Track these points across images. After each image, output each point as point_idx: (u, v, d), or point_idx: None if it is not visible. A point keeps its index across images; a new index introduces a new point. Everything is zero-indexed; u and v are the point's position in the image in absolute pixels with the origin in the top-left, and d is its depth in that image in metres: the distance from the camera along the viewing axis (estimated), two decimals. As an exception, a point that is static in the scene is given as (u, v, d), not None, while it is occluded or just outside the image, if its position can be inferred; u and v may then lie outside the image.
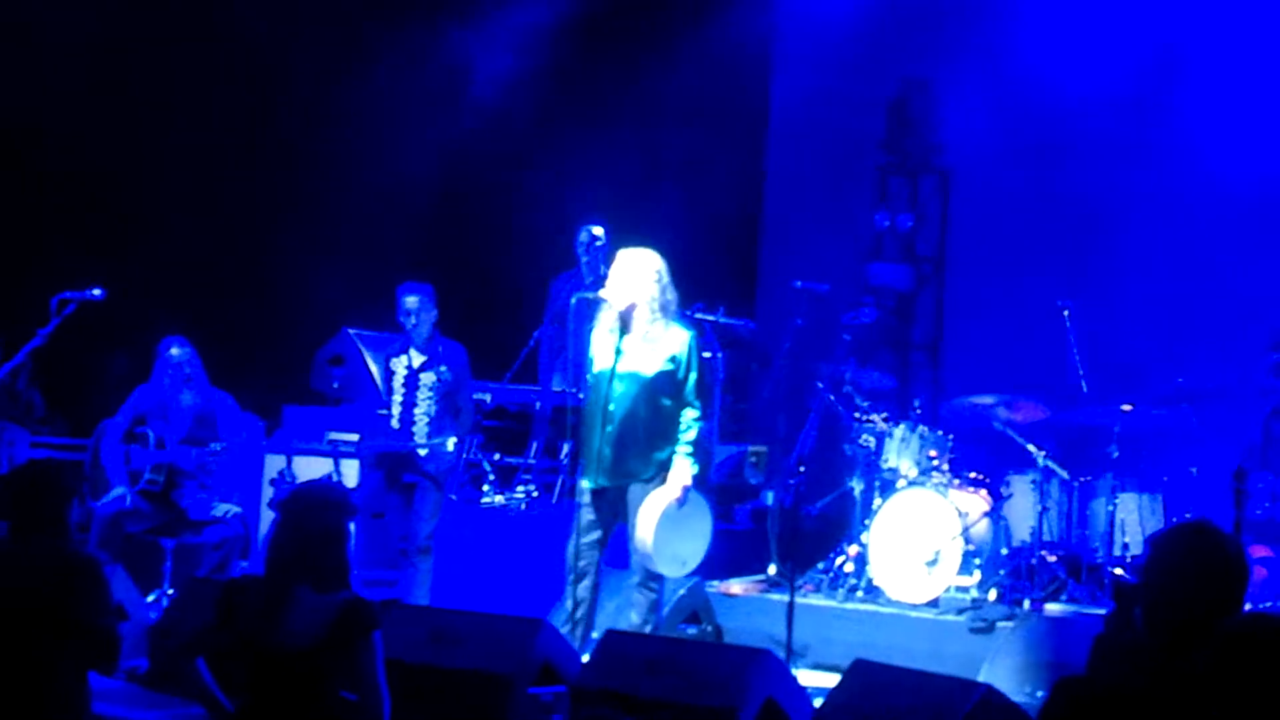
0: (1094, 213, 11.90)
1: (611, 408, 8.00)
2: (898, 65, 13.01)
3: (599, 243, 10.75)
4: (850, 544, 9.98)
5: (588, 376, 8.20)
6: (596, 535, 8.09)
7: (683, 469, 8.00)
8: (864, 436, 10.16)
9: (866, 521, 9.81)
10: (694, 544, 8.15)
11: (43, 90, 11.68)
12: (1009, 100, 12.00)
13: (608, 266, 8.41)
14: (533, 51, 12.72)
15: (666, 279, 8.08)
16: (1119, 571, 9.59)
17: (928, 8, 12.73)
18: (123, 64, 12.00)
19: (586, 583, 8.05)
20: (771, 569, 10.20)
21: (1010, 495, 9.95)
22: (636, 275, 8.05)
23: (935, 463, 9.88)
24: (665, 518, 7.93)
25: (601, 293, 8.22)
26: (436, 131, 12.42)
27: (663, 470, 8.03)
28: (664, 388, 8.03)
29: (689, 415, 8.06)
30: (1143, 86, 11.64)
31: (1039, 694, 7.71)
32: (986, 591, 9.54)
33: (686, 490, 8.01)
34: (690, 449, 8.05)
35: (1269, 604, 8.98)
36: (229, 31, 12.47)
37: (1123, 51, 11.71)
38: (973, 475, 9.95)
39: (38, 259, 11.42)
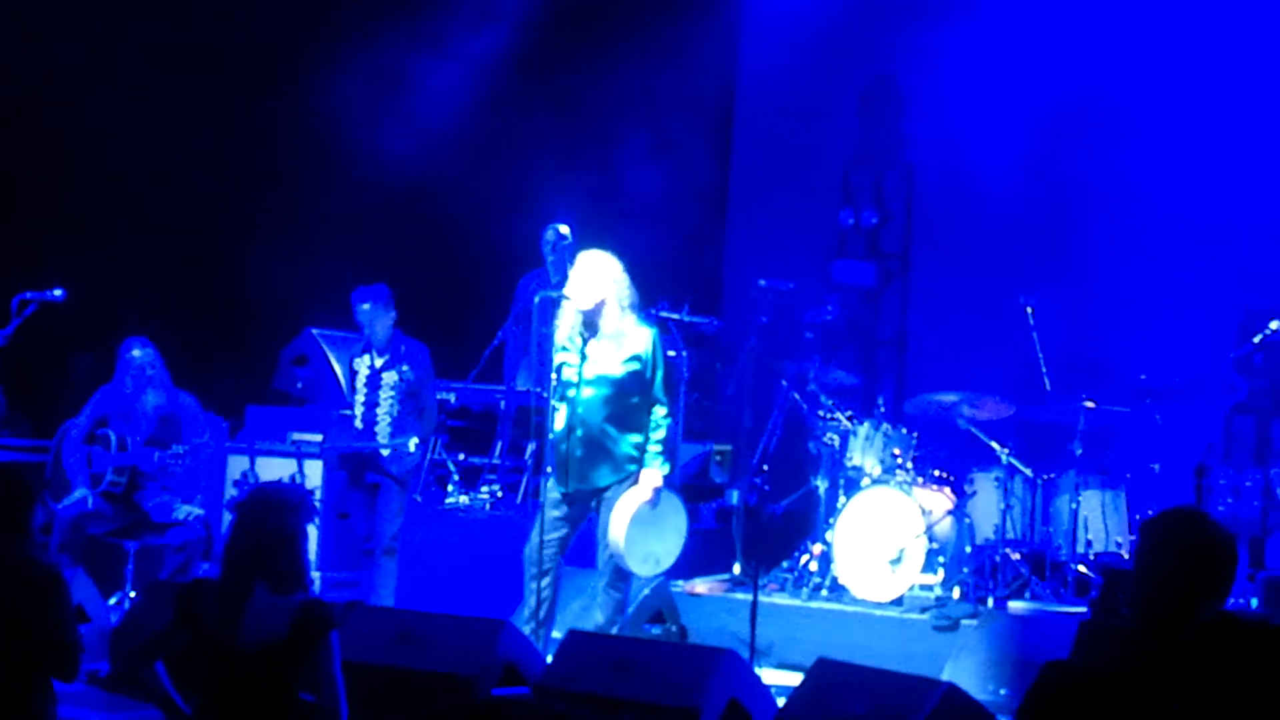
0: (1058, 210, 11.92)
1: (580, 411, 7.97)
2: (863, 62, 13.02)
3: (565, 241, 10.74)
4: (815, 542, 9.99)
5: (551, 379, 8.16)
6: (560, 534, 8.06)
7: (654, 468, 7.98)
8: (828, 434, 10.17)
9: (831, 520, 9.81)
10: (668, 542, 8.12)
11: (2, 88, 11.62)
12: (973, 98, 12.02)
13: (574, 265, 8.37)
14: (496, 50, 12.70)
15: (626, 279, 8.06)
16: (1082, 569, 9.63)
17: (893, 5, 12.74)
18: (84, 63, 11.93)
19: (548, 581, 8.02)
20: (736, 568, 10.20)
21: (974, 493, 9.98)
22: (597, 277, 8.02)
23: (899, 460, 9.89)
24: (638, 518, 7.90)
25: (564, 293, 8.18)
26: (400, 130, 12.38)
27: (633, 469, 8.01)
28: (631, 387, 8.00)
29: (658, 413, 8.02)
30: (1107, 84, 11.67)
31: (1003, 691, 7.73)
32: (950, 589, 9.57)
33: (658, 491, 7.99)
34: (660, 448, 8.01)
35: (1233, 600, 9.01)
36: (193, 32, 12.41)
37: (1087, 48, 11.75)
38: (936, 473, 9.97)
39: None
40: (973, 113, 12.05)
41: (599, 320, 8.01)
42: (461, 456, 11.14)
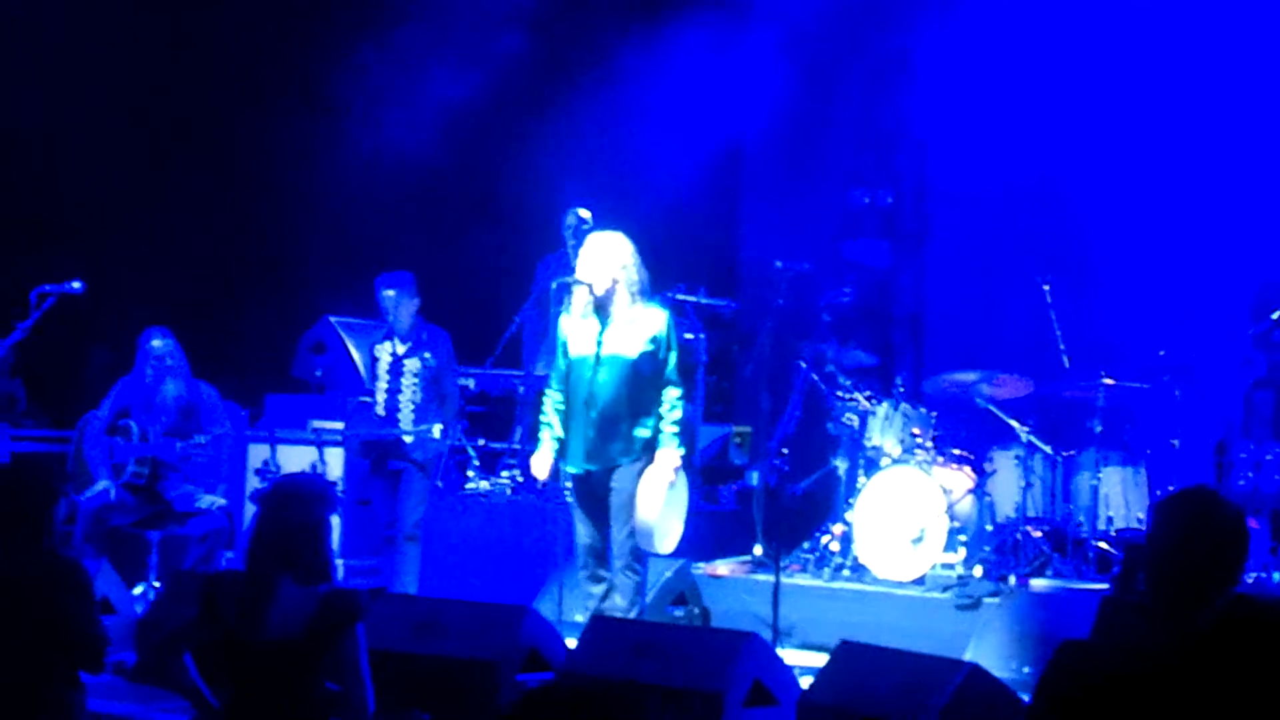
0: (1074, 185, 11.88)
1: (595, 392, 7.98)
2: (875, 37, 12.97)
3: (586, 225, 10.69)
4: (835, 523, 10.00)
5: (559, 361, 8.16)
6: (601, 513, 8.07)
7: (671, 449, 7.98)
8: (847, 415, 10.17)
9: (851, 500, 9.82)
10: (679, 522, 8.17)
11: (17, 84, 11.63)
12: (988, 73, 11.97)
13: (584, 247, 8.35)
14: (512, 32, 12.68)
15: (637, 260, 8.04)
16: (1103, 545, 9.63)
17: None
18: (98, 58, 11.94)
19: (607, 562, 8.03)
20: (757, 549, 10.21)
21: (994, 471, 9.97)
22: (609, 259, 8.01)
23: (919, 440, 9.89)
24: (665, 499, 7.93)
25: (576, 277, 8.18)
26: (416, 115, 12.37)
27: (646, 450, 8.00)
28: (645, 369, 7.99)
29: (672, 394, 8.00)
30: (1123, 59, 11.63)
31: (1025, 670, 7.73)
32: (972, 568, 9.56)
33: (677, 471, 7.99)
34: (677, 429, 7.99)
35: (1255, 574, 9.02)
36: (205, 22, 12.42)
37: (1103, 22, 11.70)
38: (956, 452, 9.97)
39: (15, 252, 11.38)
40: (987, 88, 12.00)
41: (611, 302, 8.01)
42: (481, 442, 11.14)
